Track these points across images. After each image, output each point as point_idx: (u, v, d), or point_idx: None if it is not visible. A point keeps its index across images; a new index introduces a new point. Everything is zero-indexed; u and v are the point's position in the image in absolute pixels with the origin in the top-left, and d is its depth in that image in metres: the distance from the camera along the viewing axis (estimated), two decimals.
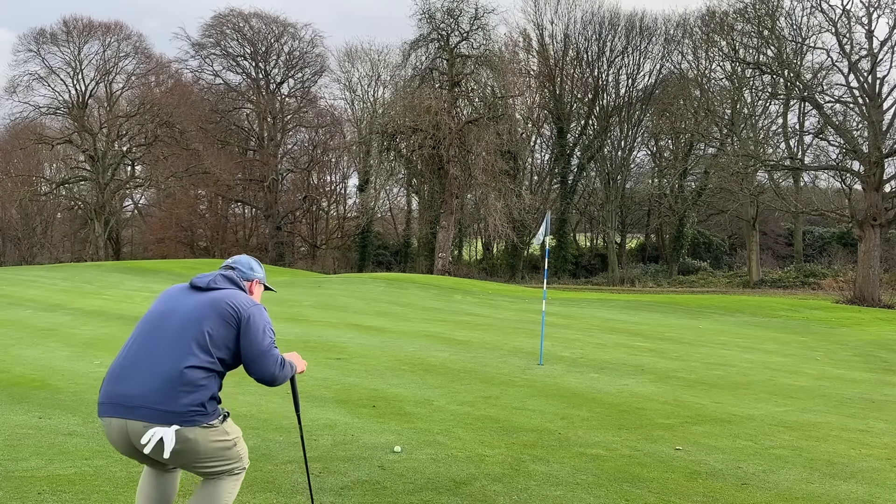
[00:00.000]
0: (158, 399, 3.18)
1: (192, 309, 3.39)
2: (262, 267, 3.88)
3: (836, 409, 8.38)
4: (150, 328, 3.41)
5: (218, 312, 3.38)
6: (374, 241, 52.03)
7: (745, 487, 5.23)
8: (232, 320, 3.39)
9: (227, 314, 3.39)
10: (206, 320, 3.34)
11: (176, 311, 3.41)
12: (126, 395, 3.22)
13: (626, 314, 21.58)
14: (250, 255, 3.90)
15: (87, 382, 8.07)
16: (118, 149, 49.85)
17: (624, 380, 9.54)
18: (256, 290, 3.80)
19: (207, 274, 3.60)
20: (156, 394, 3.19)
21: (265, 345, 3.43)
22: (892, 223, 29.03)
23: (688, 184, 50.74)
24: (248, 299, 3.53)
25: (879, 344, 16.29)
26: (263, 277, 3.82)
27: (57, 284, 23.52)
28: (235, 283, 3.61)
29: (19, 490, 4.56)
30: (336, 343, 11.94)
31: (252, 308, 3.47)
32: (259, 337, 3.42)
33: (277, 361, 3.49)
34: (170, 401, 3.19)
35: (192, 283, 3.55)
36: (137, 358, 3.31)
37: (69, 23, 48.23)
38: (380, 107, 50.75)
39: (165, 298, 3.55)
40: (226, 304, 3.41)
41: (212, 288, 3.50)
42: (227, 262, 3.77)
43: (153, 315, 3.47)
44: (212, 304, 3.41)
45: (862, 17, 28.04)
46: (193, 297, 3.46)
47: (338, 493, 4.74)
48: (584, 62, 51.97)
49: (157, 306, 3.52)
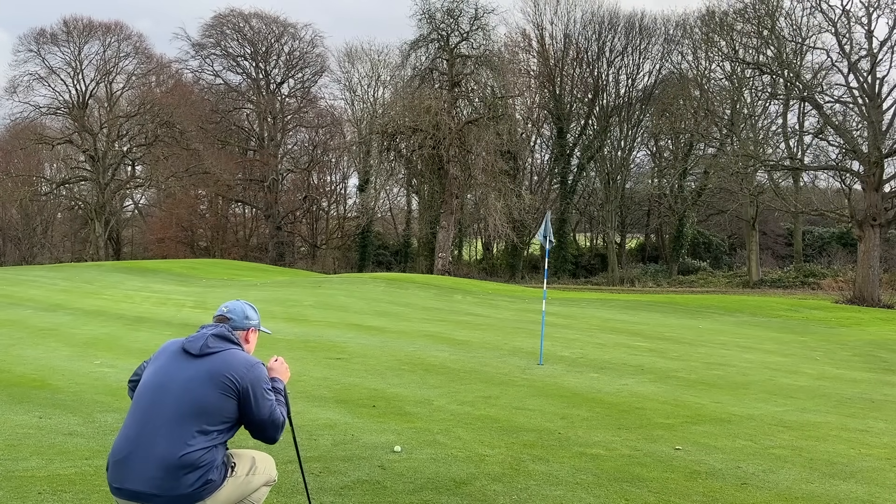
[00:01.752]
0: (166, 486, 3.16)
1: (186, 384, 3.28)
2: (256, 312, 3.78)
3: (836, 409, 8.38)
4: (145, 405, 3.31)
5: (215, 385, 3.30)
6: (374, 241, 52.03)
7: (744, 487, 5.23)
8: (231, 392, 3.32)
9: (224, 387, 3.32)
10: (203, 398, 3.26)
11: (170, 387, 3.30)
12: (135, 491, 3.20)
13: (625, 314, 21.58)
14: (248, 302, 3.79)
15: (87, 382, 8.07)
16: (118, 149, 49.86)
17: (624, 380, 9.54)
18: (252, 339, 3.71)
19: (199, 336, 3.46)
20: (161, 481, 3.16)
21: (265, 414, 3.41)
22: (891, 223, 29.03)
23: (687, 184, 50.75)
24: (245, 362, 3.42)
25: (879, 344, 16.29)
26: (258, 323, 3.74)
27: (57, 284, 23.52)
28: (229, 339, 3.50)
29: (19, 490, 4.56)
30: (336, 343, 11.94)
31: (250, 374, 3.39)
32: (259, 406, 3.38)
33: (278, 426, 3.47)
34: (175, 486, 3.17)
35: (184, 349, 3.43)
36: (138, 440, 3.24)
37: (69, 23, 48.29)
38: (380, 107, 50.78)
39: (159, 367, 3.42)
40: (222, 376, 3.32)
41: (205, 353, 3.38)
42: (220, 311, 3.65)
43: (148, 389, 3.36)
44: (208, 377, 3.31)
45: (862, 18, 28.06)
46: (187, 366, 3.35)
47: (338, 493, 4.74)
48: (583, 62, 51.99)
49: (152, 377, 3.40)
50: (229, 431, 3.37)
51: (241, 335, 3.62)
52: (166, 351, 3.49)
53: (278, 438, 3.52)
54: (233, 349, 3.47)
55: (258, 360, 3.52)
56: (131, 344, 11.29)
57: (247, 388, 3.35)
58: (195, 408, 3.24)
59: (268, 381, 3.47)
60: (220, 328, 3.53)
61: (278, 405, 3.50)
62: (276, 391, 3.55)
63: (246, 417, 3.37)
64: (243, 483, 3.42)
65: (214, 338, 3.46)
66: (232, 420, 3.35)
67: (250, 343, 3.68)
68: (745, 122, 37.02)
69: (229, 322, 3.60)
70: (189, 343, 3.43)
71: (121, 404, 6.93)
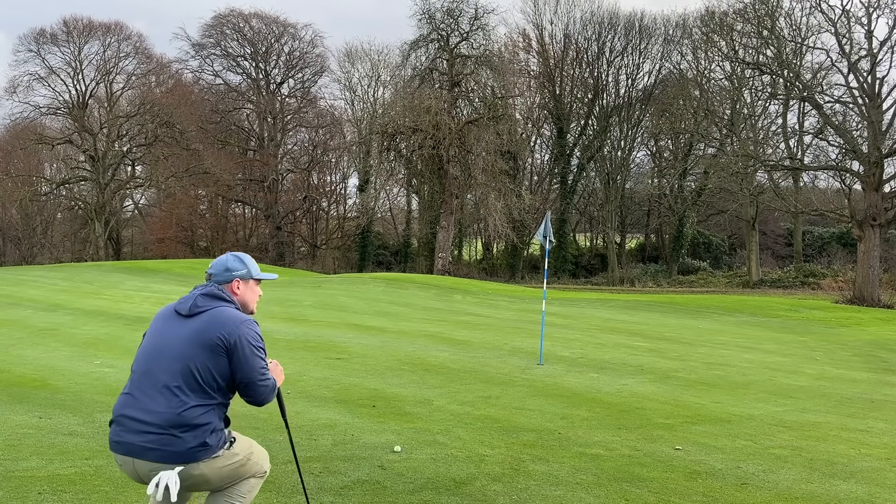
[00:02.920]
0: (163, 441, 3.17)
1: (179, 345, 3.28)
2: (243, 262, 3.60)
3: (836, 409, 8.38)
4: (143, 368, 3.33)
5: (205, 345, 3.27)
6: (374, 241, 52.03)
7: (744, 487, 5.23)
8: (220, 350, 3.27)
9: (213, 345, 3.27)
10: (194, 358, 3.24)
11: (164, 350, 3.30)
12: (132, 444, 3.21)
13: (625, 314, 21.58)
14: (238, 252, 3.66)
15: (87, 382, 8.07)
16: (118, 149, 49.85)
17: (624, 380, 9.54)
18: (242, 290, 3.56)
19: (189, 296, 3.44)
20: (159, 437, 3.17)
21: (255, 374, 3.33)
22: (891, 223, 29.03)
23: (687, 184, 50.75)
24: (235, 319, 3.36)
25: (879, 344, 16.30)
26: (247, 273, 3.57)
27: (57, 284, 23.52)
28: (219, 297, 3.44)
29: (19, 490, 4.56)
30: (336, 343, 11.94)
31: (239, 330, 3.32)
32: (248, 365, 3.31)
33: (267, 389, 3.39)
34: (172, 442, 3.17)
35: (176, 310, 3.42)
36: (138, 400, 3.26)
37: (69, 23, 48.27)
38: (380, 107, 50.77)
39: (154, 331, 3.43)
40: (211, 335, 3.28)
41: (195, 313, 3.37)
42: (208, 270, 3.59)
43: (144, 353, 3.38)
44: (197, 336, 3.28)
45: (861, 18, 28.06)
46: (180, 328, 3.33)
47: (338, 493, 4.74)
48: (583, 62, 52.00)
49: (147, 340, 3.42)
50: (226, 393, 3.35)
51: (228, 289, 3.51)
52: (160, 316, 3.50)
53: (269, 400, 3.42)
54: (222, 307, 3.40)
55: (249, 318, 3.43)
56: (131, 344, 11.29)
57: (234, 343, 3.28)
58: (189, 368, 3.23)
59: (258, 340, 3.37)
60: (209, 287, 3.48)
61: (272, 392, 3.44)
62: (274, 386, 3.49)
63: (235, 377, 3.32)
64: (237, 463, 3.36)
65: (204, 297, 3.42)
66: (227, 379, 3.31)
67: (239, 295, 3.54)
68: (745, 122, 37.01)
69: (213, 278, 3.53)
70: (180, 305, 3.42)
71: None
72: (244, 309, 3.55)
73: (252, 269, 3.60)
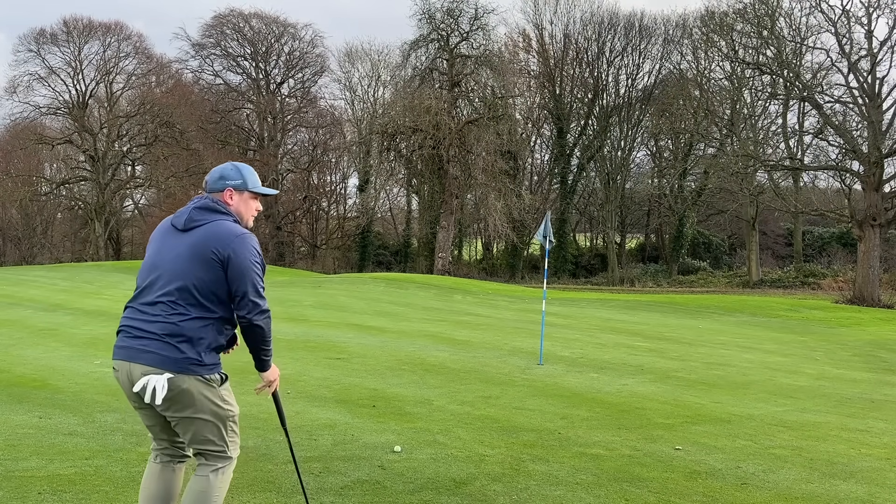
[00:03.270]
0: (159, 346, 3.22)
1: (176, 261, 3.27)
2: (240, 171, 3.49)
3: (836, 408, 8.38)
4: (143, 284, 3.36)
5: (200, 260, 3.24)
6: (374, 241, 52.04)
7: (744, 487, 5.23)
8: (215, 264, 3.24)
9: (208, 259, 3.24)
10: (191, 274, 3.23)
11: (162, 265, 3.31)
12: (129, 348, 3.28)
13: (625, 314, 21.58)
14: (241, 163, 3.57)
15: (87, 382, 8.07)
16: (118, 149, 49.85)
17: (624, 380, 9.54)
18: (236, 202, 3.46)
19: (184, 210, 3.40)
20: (153, 343, 3.23)
21: (249, 287, 3.27)
22: (891, 223, 29.04)
23: (687, 184, 50.75)
24: (230, 232, 3.30)
25: (879, 344, 16.30)
26: (242, 183, 3.46)
27: (57, 284, 23.52)
28: (214, 209, 3.38)
29: (19, 490, 4.56)
30: (336, 343, 11.94)
31: (233, 244, 3.27)
32: (242, 277, 3.25)
33: (261, 306, 3.30)
34: (168, 348, 3.21)
35: (173, 224, 3.39)
36: (139, 313, 3.32)
37: (69, 23, 48.26)
38: (380, 107, 50.77)
39: (153, 247, 3.43)
40: (206, 249, 3.24)
41: (190, 227, 3.32)
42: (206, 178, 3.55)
43: (144, 270, 3.40)
44: (192, 251, 3.25)
45: (861, 18, 28.07)
46: (177, 243, 3.31)
47: (338, 493, 4.74)
48: (583, 62, 52.00)
49: (148, 256, 3.44)
50: (227, 307, 3.33)
51: (222, 199, 3.43)
52: (159, 230, 3.49)
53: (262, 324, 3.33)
54: (219, 220, 3.35)
55: (245, 231, 3.36)
56: None
57: (228, 256, 3.23)
58: (186, 284, 3.24)
59: (255, 254, 3.30)
60: (204, 199, 3.42)
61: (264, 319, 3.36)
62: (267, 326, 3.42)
63: (231, 288, 3.28)
64: (223, 408, 3.33)
65: (198, 210, 3.37)
66: (224, 294, 3.30)
67: (233, 205, 3.45)
68: (745, 122, 37.03)
69: (206, 186, 3.48)
70: (176, 219, 3.40)
71: (121, 404, 6.93)
72: (241, 219, 3.46)
73: (249, 181, 3.48)
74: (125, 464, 5.12)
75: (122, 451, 5.42)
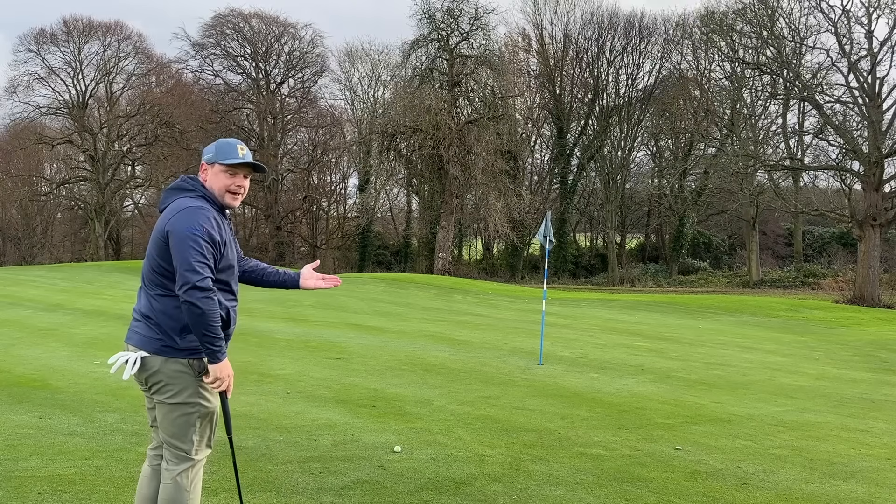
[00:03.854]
0: (138, 327, 3.34)
1: (150, 241, 3.34)
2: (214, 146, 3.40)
3: (836, 409, 8.38)
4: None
5: (156, 240, 3.25)
6: (374, 241, 52.02)
7: (745, 487, 5.23)
8: (163, 242, 3.21)
9: (159, 239, 3.22)
10: (151, 256, 3.28)
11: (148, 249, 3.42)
12: (128, 330, 3.44)
13: (625, 314, 21.58)
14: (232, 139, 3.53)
15: (87, 382, 8.07)
16: (118, 149, 49.84)
17: (624, 380, 9.54)
18: (210, 178, 3.35)
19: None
20: (137, 324, 3.35)
21: (180, 264, 3.11)
22: (891, 223, 29.06)
23: (688, 184, 50.73)
24: (175, 207, 3.23)
25: (879, 344, 16.30)
26: (212, 156, 3.34)
27: (57, 284, 23.52)
28: (180, 188, 3.36)
29: (19, 490, 4.56)
30: (336, 343, 11.94)
31: (173, 219, 3.19)
32: (176, 253, 3.13)
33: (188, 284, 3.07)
34: (144, 329, 3.30)
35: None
36: (137, 300, 3.48)
37: (69, 23, 48.24)
38: (380, 107, 50.77)
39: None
40: (159, 229, 3.25)
41: (161, 209, 3.36)
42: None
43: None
44: (154, 233, 3.30)
45: (861, 18, 28.09)
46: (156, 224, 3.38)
47: (338, 493, 4.74)
48: (583, 62, 51.99)
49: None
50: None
51: (198, 176, 3.42)
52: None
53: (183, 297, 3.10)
54: (179, 198, 3.30)
55: (192, 206, 3.21)
56: None
57: (167, 231, 3.18)
58: (150, 264, 3.30)
59: (194, 227, 3.12)
60: (179, 181, 3.41)
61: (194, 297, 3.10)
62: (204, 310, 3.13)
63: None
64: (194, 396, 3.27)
65: (168, 191, 3.41)
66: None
67: (207, 181, 3.37)
68: (745, 122, 37.04)
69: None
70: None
71: (121, 404, 6.93)
72: (218, 200, 3.35)
73: (220, 153, 3.34)
74: (125, 464, 5.12)
75: (122, 451, 5.42)
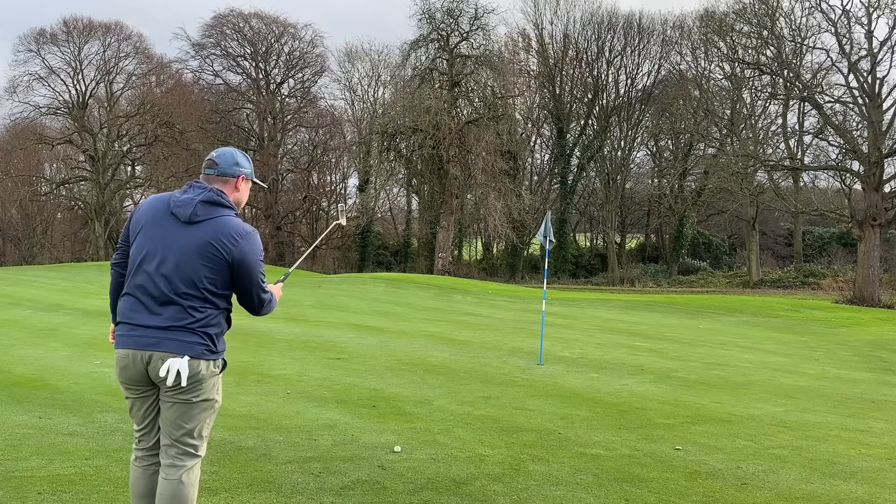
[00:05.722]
0: (177, 334, 3.29)
1: (181, 255, 3.26)
2: (249, 160, 3.58)
3: (836, 409, 8.38)
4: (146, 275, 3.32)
5: (207, 258, 3.27)
6: (374, 241, 52.04)
7: (745, 487, 5.23)
8: (222, 263, 3.29)
9: (216, 258, 3.28)
10: (197, 272, 3.26)
11: (166, 258, 3.28)
12: (145, 336, 3.32)
13: (625, 314, 21.58)
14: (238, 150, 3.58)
15: (87, 382, 8.08)
16: (118, 149, 49.87)
17: (624, 380, 9.54)
18: (242, 188, 3.53)
19: (187, 202, 3.32)
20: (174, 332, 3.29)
21: (254, 286, 3.41)
22: (891, 223, 29.05)
23: (687, 184, 50.75)
24: (236, 230, 3.32)
25: (879, 344, 16.30)
26: (251, 172, 3.55)
27: (57, 284, 23.52)
28: (220, 203, 3.36)
29: (19, 490, 4.56)
30: (336, 343, 11.94)
31: (240, 245, 3.32)
32: (249, 278, 3.38)
33: (265, 302, 3.49)
34: (185, 336, 3.28)
35: (173, 213, 3.32)
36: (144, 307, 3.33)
37: (69, 23, 48.28)
38: (380, 107, 50.80)
39: (150, 233, 3.35)
40: (213, 248, 3.27)
41: (195, 221, 3.29)
42: (210, 156, 3.49)
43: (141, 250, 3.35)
44: (200, 248, 3.27)
45: (861, 18, 28.09)
46: (178, 235, 3.28)
47: (338, 493, 4.74)
48: (583, 62, 52.02)
49: (145, 241, 3.35)
50: (229, 302, 3.44)
51: (231, 183, 3.46)
52: (153, 213, 3.41)
53: (267, 310, 3.54)
54: (225, 216, 3.35)
55: (251, 230, 3.42)
56: None
57: (237, 258, 3.31)
58: (194, 279, 3.27)
59: (260, 252, 3.42)
60: (209, 192, 3.36)
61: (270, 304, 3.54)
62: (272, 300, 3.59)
63: (235, 286, 3.40)
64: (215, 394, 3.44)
65: (203, 205, 3.32)
66: (229, 288, 3.39)
67: (240, 192, 3.52)
68: (744, 122, 37.04)
69: (217, 168, 3.44)
70: (178, 209, 3.33)
71: (121, 404, 6.93)
72: (237, 207, 3.51)
73: (252, 170, 3.61)
74: (125, 464, 5.11)
75: (122, 451, 5.42)
